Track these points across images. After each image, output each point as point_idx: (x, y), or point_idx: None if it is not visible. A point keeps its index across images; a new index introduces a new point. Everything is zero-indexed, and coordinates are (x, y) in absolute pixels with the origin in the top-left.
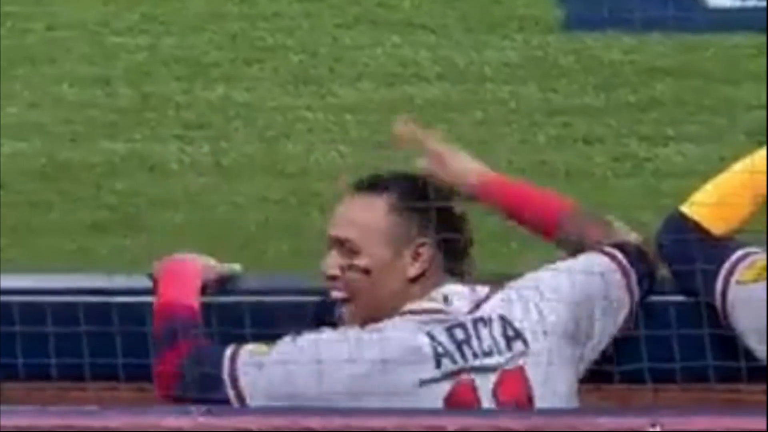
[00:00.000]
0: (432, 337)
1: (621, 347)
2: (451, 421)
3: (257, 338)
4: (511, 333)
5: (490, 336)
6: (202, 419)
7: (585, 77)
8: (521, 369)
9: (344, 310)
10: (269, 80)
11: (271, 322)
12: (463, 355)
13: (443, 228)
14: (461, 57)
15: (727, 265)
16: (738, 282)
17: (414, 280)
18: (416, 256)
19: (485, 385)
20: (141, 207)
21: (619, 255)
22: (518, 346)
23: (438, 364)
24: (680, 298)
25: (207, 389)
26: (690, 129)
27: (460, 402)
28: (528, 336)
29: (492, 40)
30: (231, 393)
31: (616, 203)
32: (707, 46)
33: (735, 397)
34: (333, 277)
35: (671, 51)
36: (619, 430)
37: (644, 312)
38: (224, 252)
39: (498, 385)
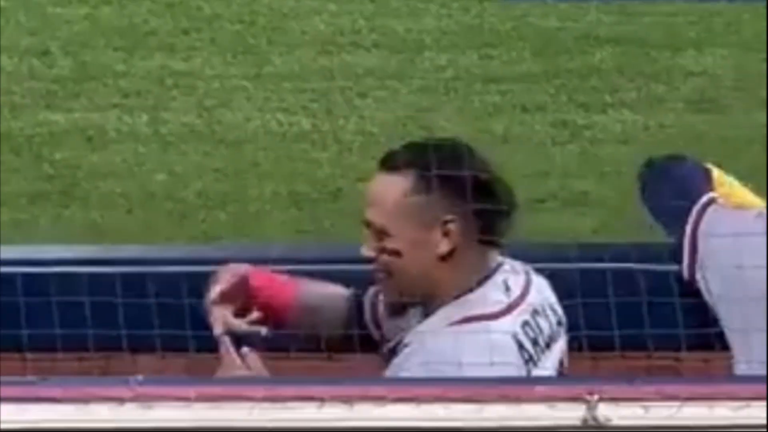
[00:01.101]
0: (520, 345)
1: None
2: (387, 389)
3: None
4: (556, 319)
5: (548, 326)
6: (140, 388)
7: (523, 44)
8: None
9: (382, 288)
10: (207, 49)
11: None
12: (538, 358)
13: (474, 199)
14: (399, 25)
15: (694, 212)
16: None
17: (446, 257)
18: (446, 232)
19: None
20: (80, 177)
21: None
22: (562, 330)
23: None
24: (618, 265)
25: None
26: (628, 96)
27: None
28: (562, 318)
29: (430, 7)
30: None
31: (554, 170)
32: (646, 13)
33: (675, 365)
34: (368, 260)
35: (609, 18)
36: (557, 397)
37: (582, 280)
38: (163, 221)
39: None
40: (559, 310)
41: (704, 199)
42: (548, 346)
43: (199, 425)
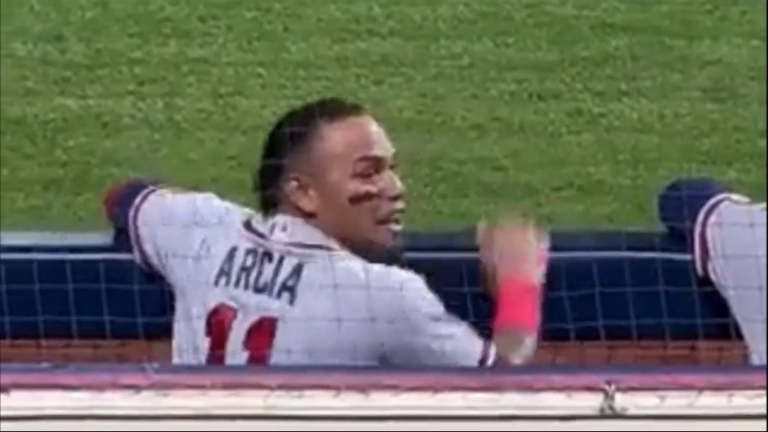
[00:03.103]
0: (232, 252)
1: (577, 305)
2: (403, 378)
3: None
4: (290, 283)
5: (272, 274)
6: (156, 376)
7: (539, 32)
8: (274, 321)
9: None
10: (223, 36)
11: None
12: (237, 282)
13: None
14: (415, 12)
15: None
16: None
17: None
18: None
19: (243, 323)
20: (94, 164)
21: None
22: (285, 297)
23: (216, 282)
24: (634, 254)
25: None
26: (644, 84)
27: (215, 324)
28: (302, 295)
29: None
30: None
31: (570, 158)
32: (662, 2)
33: (691, 354)
34: (398, 197)
35: (625, 6)
36: (574, 386)
37: (597, 268)
38: None
39: (254, 328)
40: (300, 294)
41: (718, 197)
42: (257, 291)
43: (214, 413)
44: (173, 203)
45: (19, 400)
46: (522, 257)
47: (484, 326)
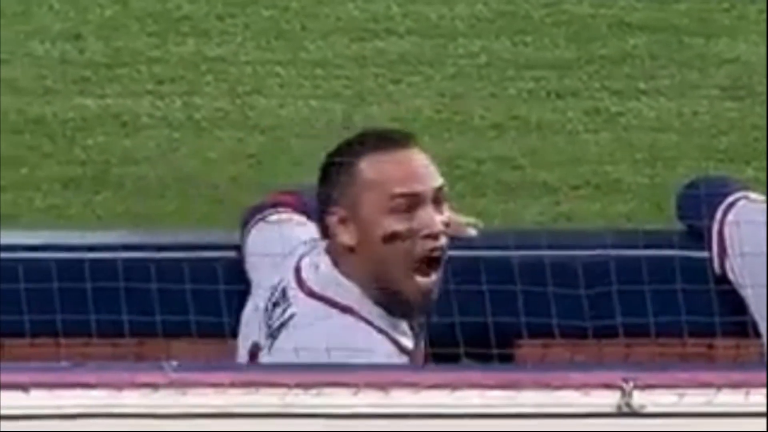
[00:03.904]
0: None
1: (595, 303)
2: (422, 377)
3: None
4: (276, 333)
5: (278, 315)
6: (174, 375)
7: (557, 31)
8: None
9: (434, 270)
10: (241, 35)
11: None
12: (266, 317)
13: None
14: (432, 11)
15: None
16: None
17: None
18: None
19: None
20: (113, 162)
21: None
22: (269, 342)
23: (263, 309)
24: (651, 252)
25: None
26: (662, 83)
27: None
28: (277, 345)
29: None
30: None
31: (588, 157)
32: (679, 0)
33: (708, 352)
34: (436, 235)
35: (643, 4)
36: (591, 384)
37: (616, 266)
38: (196, 207)
39: None
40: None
41: (736, 195)
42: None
43: (232, 411)
44: (269, 232)
45: (38, 399)
46: None
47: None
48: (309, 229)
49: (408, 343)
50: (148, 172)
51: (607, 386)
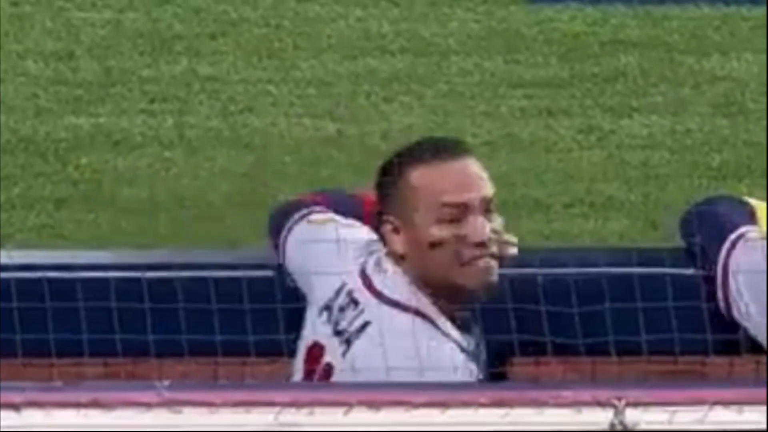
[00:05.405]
0: (340, 288)
1: (587, 320)
2: (414, 395)
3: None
4: (352, 337)
5: (349, 321)
6: (167, 394)
7: (549, 49)
8: (331, 368)
9: (489, 278)
10: (233, 54)
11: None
12: (331, 320)
13: None
14: (425, 29)
15: (723, 250)
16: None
17: None
18: None
19: (322, 362)
20: (105, 181)
21: None
22: (344, 347)
23: (320, 313)
24: (644, 270)
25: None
26: (654, 100)
27: (309, 360)
28: (353, 351)
29: (455, 12)
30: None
31: (581, 175)
32: (671, 18)
33: (701, 369)
34: (484, 243)
35: (635, 22)
36: (584, 401)
37: (608, 284)
38: (188, 226)
39: (321, 370)
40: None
41: (734, 235)
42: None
43: (226, 430)
44: (318, 231)
45: (31, 418)
46: None
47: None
48: (360, 231)
49: (464, 341)
50: (141, 191)
51: (600, 404)
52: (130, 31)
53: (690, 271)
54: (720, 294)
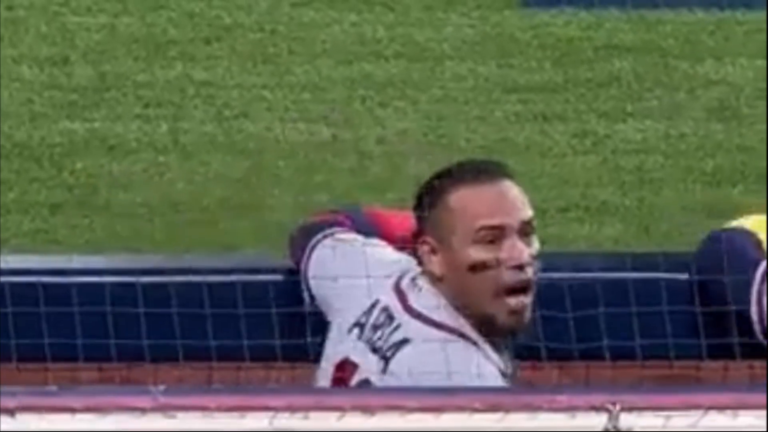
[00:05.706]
0: (373, 306)
1: (581, 325)
2: (408, 399)
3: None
4: (389, 354)
5: (386, 338)
6: (162, 399)
7: (543, 54)
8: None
9: (522, 303)
10: (227, 59)
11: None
12: (364, 337)
13: None
14: (419, 34)
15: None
16: None
17: None
18: None
19: (357, 379)
20: (100, 186)
21: None
22: (382, 365)
23: (350, 330)
24: (639, 275)
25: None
26: (649, 105)
27: (337, 379)
28: (392, 368)
29: (450, 17)
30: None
31: (575, 180)
32: (665, 22)
33: (695, 374)
34: (522, 266)
35: (629, 27)
36: (579, 406)
37: (603, 289)
38: (183, 230)
39: (357, 385)
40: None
41: (762, 269)
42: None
43: None
44: (346, 250)
45: (25, 423)
46: None
47: None
48: (385, 250)
49: (502, 364)
50: (136, 195)
51: (595, 408)
52: (124, 36)
53: (684, 276)
54: (758, 328)
